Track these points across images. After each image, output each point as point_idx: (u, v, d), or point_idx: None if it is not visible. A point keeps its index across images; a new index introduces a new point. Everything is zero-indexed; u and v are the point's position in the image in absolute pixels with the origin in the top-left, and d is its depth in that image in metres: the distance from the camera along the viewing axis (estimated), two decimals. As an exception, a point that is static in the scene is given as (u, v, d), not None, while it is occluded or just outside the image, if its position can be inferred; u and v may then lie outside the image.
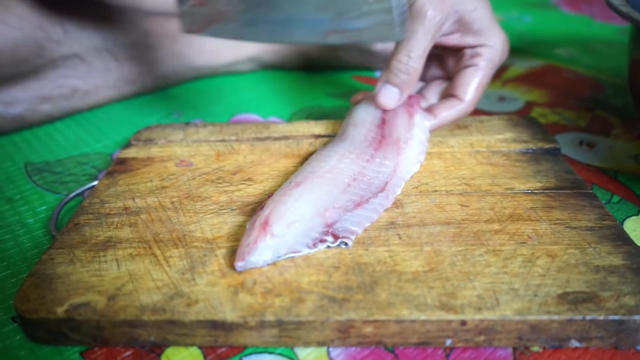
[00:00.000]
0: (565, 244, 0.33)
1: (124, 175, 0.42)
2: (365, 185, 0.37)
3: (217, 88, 0.66)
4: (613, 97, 0.60)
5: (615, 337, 0.29)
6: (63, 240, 0.35)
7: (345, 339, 0.29)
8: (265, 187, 0.40)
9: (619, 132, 0.52)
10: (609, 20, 0.88)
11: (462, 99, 0.44)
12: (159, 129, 0.50)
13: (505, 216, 0.36)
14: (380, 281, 0.31)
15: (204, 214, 0.37)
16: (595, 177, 0.45)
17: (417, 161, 0.42)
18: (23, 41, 0.51)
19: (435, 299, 0.29)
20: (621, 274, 0.31)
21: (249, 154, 0.45)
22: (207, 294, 0.30)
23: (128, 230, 0.36)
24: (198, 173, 0.42)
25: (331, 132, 0.48)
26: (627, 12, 0.43)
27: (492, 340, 0.29)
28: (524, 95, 0.61)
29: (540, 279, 0.31)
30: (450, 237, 0.34)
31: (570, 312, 0.28)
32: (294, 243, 0.33)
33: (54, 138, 0.55)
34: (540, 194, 0.38)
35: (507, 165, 0.42)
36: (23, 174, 0.49)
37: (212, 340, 0.30)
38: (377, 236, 0.34)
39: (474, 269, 0.31)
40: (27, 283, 0.31)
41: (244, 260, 0.32)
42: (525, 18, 0.91)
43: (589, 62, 0.70)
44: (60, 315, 0.29)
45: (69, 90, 0.57)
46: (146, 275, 0.32)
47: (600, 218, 0.36)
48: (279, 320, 0.29)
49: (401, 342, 0.30)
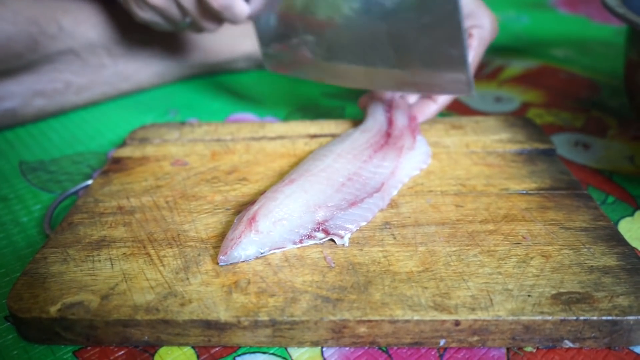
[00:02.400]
0: (559, 245, 0.33)
1: (119, 175, 0.42)
2: (360, 185, 0.37)
3: (213, 86, 0.66)
4: (609, 98, 0.60)
5: (608, 338, 0.29)
6: (57, 240, 0.35)
7: (339, 339, 0.29)
8: (260, 187, 0.40)
9: (615, 133, 0.52)
10: (606, 21, 0.88)
11: None
12: (154, 128, 0.50)
13: (500, 217, 0.36)
14: (375, 281, 0.31)
15: (199, 213, 0.37)
16: (591, 177, 0.45)
17: (418, 168, 0.42)
18: (18, 36, 0.51)
19: (429, 299, 0.29)
20: (615, 275, 0.31)
21: (245, 153, 0.45)
22: (200, 293, 0.30)
23: (122, 229, 0.36)
24: (193, 172, 0.42)
25: (327, 132, 0.48)
26: (623, 13, 0.43)
27: (485, 340, 0.29)
28: (520, 95, 0.61)
29: (534, 279, 0.31)
30: (445, 238, 0.34)
31: (563, 313, 0.28)
32: (279, 239, 0.33)
33: (48, 136, 0.55)
34: (535, 194, 0.38)
35: (503, 166, 0.42)
36: (17, 173, 0.48)
37: (206, 340, 0.30)
38: (371, 236, 0.34)
39: (468, 269, 0.31)
40: (20, 282, 0.31)
41: (227, 255, 0.32)
42: (522, 19, 0.91)
43: (586, 63, 0.70)
44: (53, 315, 0.29)
45: (63, 85, 0.57)
46: (140, 274, 0.32)
47: (595, 219, 0.36)
48: (272, 320, 0.29)
49: (395, 342, 0.29)
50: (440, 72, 0.42)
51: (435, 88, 0.43)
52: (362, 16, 0.43)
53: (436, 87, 0.43)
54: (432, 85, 0.43)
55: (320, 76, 0.50)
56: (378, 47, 0.44)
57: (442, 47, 0.40)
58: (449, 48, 0.40)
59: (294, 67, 0.51)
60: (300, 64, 0.50)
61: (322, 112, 0.59)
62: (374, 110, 0.47)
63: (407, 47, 0.42)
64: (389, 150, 0.42)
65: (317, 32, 0.47)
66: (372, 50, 0.44)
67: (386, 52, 0.44)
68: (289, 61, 0.51)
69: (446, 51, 0.40)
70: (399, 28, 0.42)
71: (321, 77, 0.50)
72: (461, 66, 0.40)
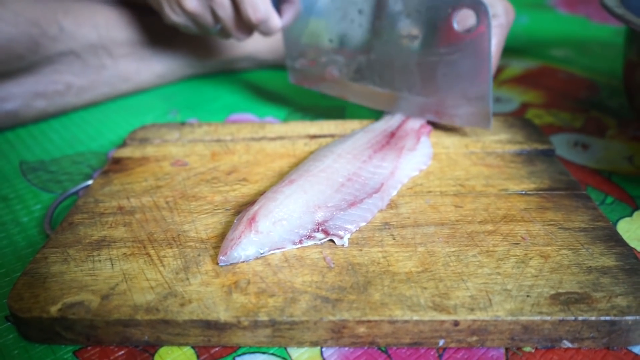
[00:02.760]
0: (558, 245, 0.33)
1: (119, 175, 0.42)
2: (359, 185, 0.38)
3: (213, 87, 0.66)
4: (608, 98, 0.60)
5: (607, 338, 0.29)
6: (57, 240, 0.35)
7: (339, 339, 0.30)
8: (260, 187, 0.40)
9: (614, 133, 0.53)
10: (605, 22, 0.88)
11: None
12: (155, 128, 0.50)
13: (499, 217, 0.36)
14: (374, 281, 0.31)
15: (199, 213, 0.37)
16: (590, 178, 0.45)
17: (418, 169, 0.42)
18: (18, 38, 0.51)
19: (428, 300, 0.29)
20: (613, 275, 0.31)
21: (244, 154, 0.45)
22: (200, 293, 0.30)
23: (122, 229, 0.36)
24: (193, 173, 0.42)
25: (327, 133, 0.48)
26: (622, 13, 0.43)
27: (484, 340, 0.29)
28: (520, 96, 0.62)
29: (533, 279, 0.31)
30: (444, 238, 0.34)
31: (562, 313, 0.29)
32: (279, 240, 0.33)
33: (49, 136, 0.55)
34: (534, 195, 0.39)
35: (502, 166, 0.42)
36: (18, 173, 0.49)
37: (206, 340, 0.30)
38: (371, 237, 0.34)
39: (467, 270, 0.31)
40: (20, 282, 0.31)
41: (226, 255, 0.32)
42: (521, 19, 0.91)
43: (585, 63, 0.71)
44: (53, 314, 0.29)
45: (64, 86, 0.57)
46: (140, 274, 0.32)
47: (594, 219, 0.36)
48: (272, 320, 0.29)
49: (394, 342, 0.30)
50: (464, 106, 0.44)
51: (456, 118, 0.46)
52: (396, 44, 0.46)
53: (457, 118, 0.45)
54: (454, 116, 0.46)
55: (344, 94, 0.52)
56: (406, 74, 0.46)
57: (469, 82, 0.43)
58: (475, 85, 0.43)
59: (319, 83, 0.53)
60: (325, 81, 0.52)
61: (322, 112, 0.59)
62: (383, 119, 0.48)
63: (434, 78, 0.45)
64: (389, 151, 0.42)
65: (348, 53, 0.49)
66: (400, 76, 0.47)
67: (413, 80, 0.46)
68: (315, 77, 0.53)
69: (472, 87, 0.43)
70: (429, 60, 0.44)
71: (345, 95, 0.52)
72: (484, 102, 0.43)
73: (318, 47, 0.51)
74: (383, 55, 0.47)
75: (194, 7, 0.49)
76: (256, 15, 0.48)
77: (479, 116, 0.44)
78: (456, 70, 0.43)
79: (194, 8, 0.49)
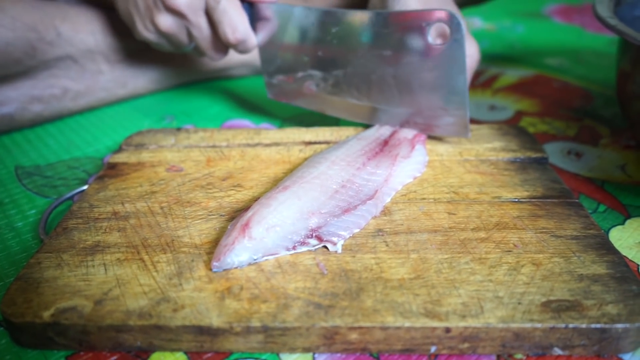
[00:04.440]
0: (550, 253, 0.34)
1: (114, 180, 0.42)
2: (353, 192, 0.38)
3: (209, 93, 0.66)
4: (602, 107, 0.61)
5: (598, 345, 0.29)
6: (51, 244, 0.35)
7: (331, 345, 0.30)
8: (255, 193, 0.40)
9: (607, 142, 0.53)
10: (600, 31, 0.89)
11: None
12: (150, 133, 0.50)
13: (491, 224, 0.36)
14: (366, 288, 0.31)
15: (193, 219, 0.37)
16: (583, 186, 0.46)
17: (412, 176, 0.42)
18: (16, 42, 0.51)
19: (420, 306, 0.30)
20: (604, 283, 0.31)
21: (240, 160, 0.45)
22: (193, 299, 0.30)
23: (117, 235, 0.36)
24: (188, 179, 0.43)
25: (322, 140, 0.48)
26: (615, 24, 0.43)
27: (476, 347, 0.29)
28: (514, 104, 0.62)
29: (524, 287, 0.31)
30: (437, 245, 0.34)
31: (553, 320, 0.29)
32: (272, 246, 0.33)
33: (45, 141, 0.55)
34: (526, 202, 0.39)
35: (495, 174, 0.42)
36: (13, 177, 0.49)
37: (198, 345, 0.30)
38: (364, 243, 0.35)
39: (460, 277, 0.32)
40: (14, 287, 0.31)
41: (220, 261, 0.32)
42: (517, 28, 0.92)
43: (579, 73, 0.71)
44: (46, 320, 0.29)
45: (60, 90, 0.57)
46: (133, 280, 0.32)
47: (586, 227, 0.36)
48: (264, 326, 0.29)
49: (386, 348, 0.30)
50: (442, 116, 0.45)
51: (435, 129, 0.46)
52: (371, 58, 0.46)
53: (436, 128, 0.46)
54: (433, 126, 0.46)
55: (323, 108, 0.52)
56: (383, 86, 0.47)
57: (445, 93, 0.44)
58: (451, 95, 0.44)
59: (297, 98, 0.53)
60: (304, 96, 0.52)
61: (317, 119, 0.59)
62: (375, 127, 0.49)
63: (410, 90, 0.45)
64: (383, 158, 0.42)
65: (324, 67, 0.49)
66: (377, 89, 0.47)
67: (391, 92, 0.47)
68: (293, 92, 0.53)
69: (448, 97, 0.44)
70: (405, 72, 0.45)
71: (323, 109, 0.52)
72: (462, 112, 0.44)
73: (294, 63, 0.51)
74: (359, 69, 0.47)
75: (168, 26, 0.49)
76: (235, 35, 0.48)
77: (458, 126, 0.45)
78: (432, 81, 0.44)
79: (168, 28, 0.49)
